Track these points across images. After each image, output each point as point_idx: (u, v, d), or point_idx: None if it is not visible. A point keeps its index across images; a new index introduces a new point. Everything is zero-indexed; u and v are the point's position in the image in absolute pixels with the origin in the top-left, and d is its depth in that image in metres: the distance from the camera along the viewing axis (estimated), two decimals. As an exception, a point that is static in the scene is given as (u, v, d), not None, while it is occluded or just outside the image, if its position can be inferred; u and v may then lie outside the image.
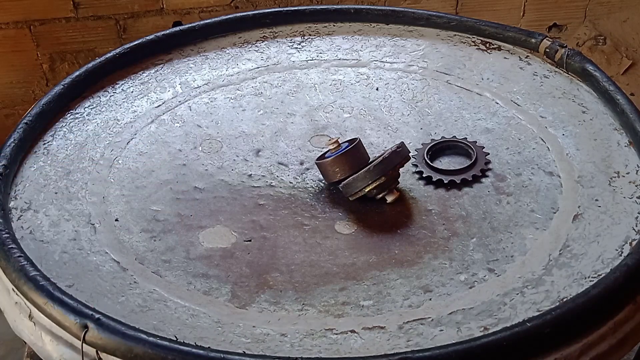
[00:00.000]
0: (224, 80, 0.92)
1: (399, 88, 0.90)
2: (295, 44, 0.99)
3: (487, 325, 0.59)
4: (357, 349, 0.57)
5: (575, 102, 0.85)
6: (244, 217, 0.71)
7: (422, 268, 0.65)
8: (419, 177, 0.75)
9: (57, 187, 0.75)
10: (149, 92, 0.90)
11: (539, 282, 0.63)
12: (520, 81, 0.90)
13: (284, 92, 0.90)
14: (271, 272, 0.65)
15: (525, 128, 0.82)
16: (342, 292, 0.63)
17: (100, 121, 0.85)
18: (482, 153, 0.78)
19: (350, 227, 0.70)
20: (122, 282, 0.64)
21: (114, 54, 0.93)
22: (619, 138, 0.79)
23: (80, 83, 0.88)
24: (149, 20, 1.44)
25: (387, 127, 0.84)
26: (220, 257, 0.67)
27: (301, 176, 0.77)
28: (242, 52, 0.98)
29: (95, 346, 0.55)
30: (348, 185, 0.70)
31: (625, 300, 0.59)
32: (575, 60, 0.88)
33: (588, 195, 0.72)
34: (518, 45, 0.95)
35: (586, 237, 0.67)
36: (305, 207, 0.72)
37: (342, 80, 0.92)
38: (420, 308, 0.61)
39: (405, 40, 0.99)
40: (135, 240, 0.69)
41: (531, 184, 0.74)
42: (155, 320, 0.60)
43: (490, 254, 0.66)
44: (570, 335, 0.56)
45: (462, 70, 0.93)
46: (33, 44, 1.40)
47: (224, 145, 0.81)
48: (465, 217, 0.70)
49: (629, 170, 0.74)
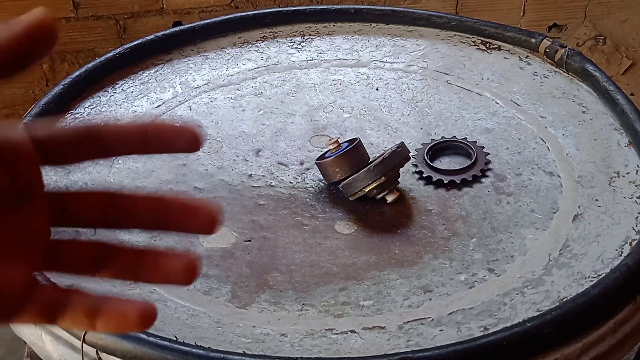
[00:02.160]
0: (224, 80, 0.92)
1: (399, 88, 0.90)
2: (295, 44, 0.99)
3: (487, 325, 0.59)
4: (357, 349, 0.57)
5: (575, 102, 0.85)
6: (244, 217, 0.71)
7: (422, 268, 0.65)
8: (419, 177, 0.75)
9: (57, 187, 0.75)
10: (149, 92, 0.90)
11: (539, 282, 0.63)
12: (520, 81, 0.90)
13: (284, 92, 0.90)
14: (271, 272, 0.65)
15: (525, 128, 0.82)
16: (342, 292, 0.63)
17: (100, 121, 0.85)
18: (482, 153, 0.78)
19: (350, 227, 0.70)
20: (122, 282, 0.64)
21: (114, 54, 0.93)
22: (619, 138, 0.79)
23: (80, 83, 0.88)
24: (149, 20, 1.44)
25: (387, 127, 0.84)
26: (220, 257, 0.67)
27: (301, 176, 0.77)
28: (242, 52, 0.98)
29: (95, 346, 0.55)
30: (348, 185, 0.70)
31: (625, 300, 0.59)
32: (575, 60, 0.88)
33: (588, 195, 0.72)
34: (518, 45, 0.95)
35: (586, 237, 0.67)
36: (305, 207, 0.72)
37: (342, 80, 0.92)
38: (420, 308, 0.61)
39: (405, 40, 0.99)
40: (135, 240, 0.68)
41: (531, 184, 0.74)
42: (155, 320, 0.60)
43: (490, 254, 0.66)
44: (570, 335, 0.56)
45: (462, 70, 0.93)
46: (33, 44, 1.40)
47: (224, 145, 0.81)
48: (465, 217, 0.70)
49: (629, 170, 0.74)
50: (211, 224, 0.35)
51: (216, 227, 0.35)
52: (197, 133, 0.35)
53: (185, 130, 0.35)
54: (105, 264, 0.38)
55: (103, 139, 0.36)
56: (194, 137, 0.35)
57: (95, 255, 0.37)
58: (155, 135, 0.35)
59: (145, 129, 0.35)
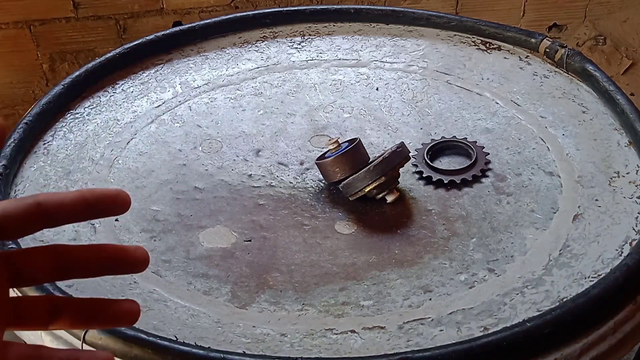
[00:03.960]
0: (224, 80, 0.92)
1: (399, 88, 0.90)
2: (295, 44, 0.99)
3: (487, 325, 0.59)
4: (357, 349, 0.57)
5: (575, 102, 0.85)
6: (244, 217, 0.71)
7: (422, 268, 0.65)
8: (419, 177, 0.76)
9: (57, 187, 0.75)
10: (149, 92, 0.90)
11: (539, 282, 0.63)
12: (520, 81, 0.90)
13: (284, 92, 0.90)
14: (271, 272, 0.65)
15: (525, 128, 0.82)
16: (342, 292, 0.63)
17: (100, 121, 0.85)
18: (482, 153, 0.78)
19: (350, 227, 0.70)
20: (122, 282, 0.64)
21: (114, 54, 0.93)
22: (619, 138, 0.79)
23: (80, 83, 0.88)
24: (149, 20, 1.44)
25: (387, 127, 0.84)
26: (220, 257, 0.67)
27: (301, 176, 0.77)
28: (242, 52, 0.98)
29: (95, 346, 0.55)
30: (348, 185, 0.70)
31: (625, 300, 0.59)
32: (575, 60, 0.88)
33: (588, 195, 0.72)
34: (518, 45, 0.95)
35: (586, 237, 0.67)
36: (305, 207, 0.72)
37: (342, 80, 0.92)
38: (420, 308, 0.61)
39: (405, 40, 0.99)
40: (135, 240, 0.69)
41: (531, 184, 0.74)
42: (155, 320, 0.60)
43: (490, 254, 0.66)
44: (570, 335, 0.56)
45: (462, 70, 0.93)
46: (33, 44, 1.40)
47: (224, 145, 0.81)
48: (465, 217, 0.70)
49: (629, 170, 0.74)
50: (143, 263, 0.41)
51: (146, 265, 0.41)
52: (126, 197, 0.40)
53: (117, 195, 0.40)
54: (59, 315, 0.41)
55: (49, 211, 0.39)
56: (125, 200, 0.40)
57: (50, 309, 0.41)
58: (94, 202, 0.40)
59: (84, 197, 0.39)
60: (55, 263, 0.40)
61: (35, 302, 0.41)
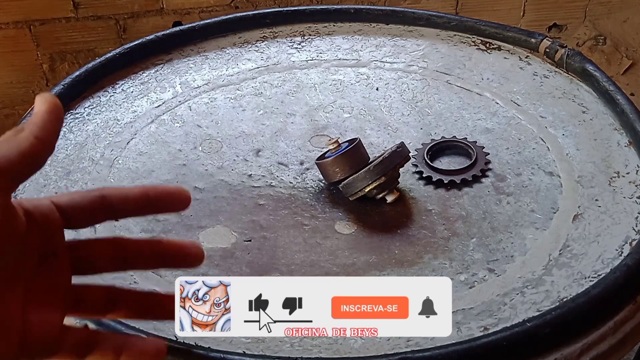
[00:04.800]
0: (224, 80, 0.92)
1: (399, 88, 0.90)
2: (295, 44, 0.99)
3: (487, 325, 0.59)
4: (357, 349, 0.57)
5: (575, 102, 0.85)
6: (244, 217, 0.71)
7: (422, 268, 0.65)
8: (419, 177, 0.76)
9: (57, 187, 0.75)
10: (149, 92, 0.90)
11: (539, 282, 0.63)
12: (520, 81, 0.90)
13: (284, 92, 0.90)
14: (271, 272, 0.65)
15: (525, 128, 0.82)
16: (342, 292, 0.63)
17: (100, 121, 0.85)
18: (482, 153, 0.78)
19: (350, 227, 0.70)
20: (122, 282, 0.64)
21: (114, 54, 0.93)
22: (619, 138, 0.79)
23: (80, 83, 0.88)
24: (149, 20, 1.44)
25: (387, 127, 0.84)
26: (220, 257, 0.67)
27: (301, 176, 0.77)
28: (242, 52, 0.98)
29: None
30: (348, 185, 0.70)
31: (625, 300, 0.59)
32: (575, 60, 0.88)
33: (588, 195, 0.72)
34: (518, 45, 0.95)
35: (586, 237, 0.67)
36: (305, 207, 0.72)
37: (342, 80, 0.92)
38: (420, 308, 0.61)
39: (405, 40, 0.99)
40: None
41: (531, 184, 0.74)
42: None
43: (490, 254, 0.66)
44: (570, 335, 0.56)
45: (462, 70, 0.93)
46: (33, 44, 1.40)
47: (224, 145, 0.81)
48: (465, 217, 0.70)
49: (629, 170, 0.74)
50: (198, 259, 0.45)
51: (202, 261, 0.45)
52: (187, 195, 0.43)
53: (178, 192, 0.43)
54: (116, 305, 0.43)
55: (113, 204, 0.41)
56: (186, 197, 0.43)
57: (108, 299, 0.43)
58: (155, 198, 0.42)
59: (147, 193, 0.42)
60: (115, 253, 0.43)
61: (95, 291, 0.43)
